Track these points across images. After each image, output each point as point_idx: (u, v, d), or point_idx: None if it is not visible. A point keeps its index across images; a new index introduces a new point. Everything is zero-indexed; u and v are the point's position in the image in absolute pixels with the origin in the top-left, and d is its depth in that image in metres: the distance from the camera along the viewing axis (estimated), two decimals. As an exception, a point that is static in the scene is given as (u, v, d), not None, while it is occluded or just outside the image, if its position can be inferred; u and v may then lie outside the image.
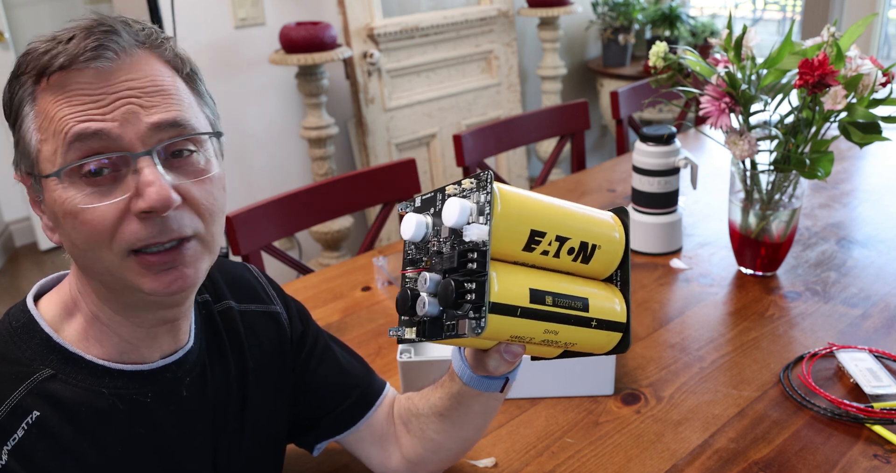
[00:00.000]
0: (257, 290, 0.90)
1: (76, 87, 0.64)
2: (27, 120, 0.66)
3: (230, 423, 0.82)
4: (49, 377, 0.69)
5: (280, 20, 2.73)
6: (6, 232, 3.69)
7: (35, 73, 0.65)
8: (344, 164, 3.06)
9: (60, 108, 0.64)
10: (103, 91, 0.64)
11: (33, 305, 0.73)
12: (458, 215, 0.65)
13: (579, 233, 0.72)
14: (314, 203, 1.62)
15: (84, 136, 0.63)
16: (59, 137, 0.63)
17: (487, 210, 0.65)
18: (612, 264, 0.76)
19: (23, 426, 0.67)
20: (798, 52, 1.25)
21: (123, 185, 0.64)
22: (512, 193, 0.68)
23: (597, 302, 0.73)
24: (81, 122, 0.63)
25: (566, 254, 0.71)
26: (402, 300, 0.69)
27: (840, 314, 1.29)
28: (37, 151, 0.66)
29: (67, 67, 0.64)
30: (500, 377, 0.80)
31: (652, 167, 1.47)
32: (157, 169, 0.64)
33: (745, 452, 0.99)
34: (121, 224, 0.64)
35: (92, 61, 0.64)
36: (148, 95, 0.65)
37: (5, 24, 3.36)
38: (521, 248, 0.68)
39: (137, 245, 0.65)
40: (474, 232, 0.64)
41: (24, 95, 0.66)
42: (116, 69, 0.65)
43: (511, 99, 3.30)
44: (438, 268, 0.67)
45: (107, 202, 0.64)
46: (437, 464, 0.92)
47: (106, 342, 0.72)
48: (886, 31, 3.50)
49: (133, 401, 0.72)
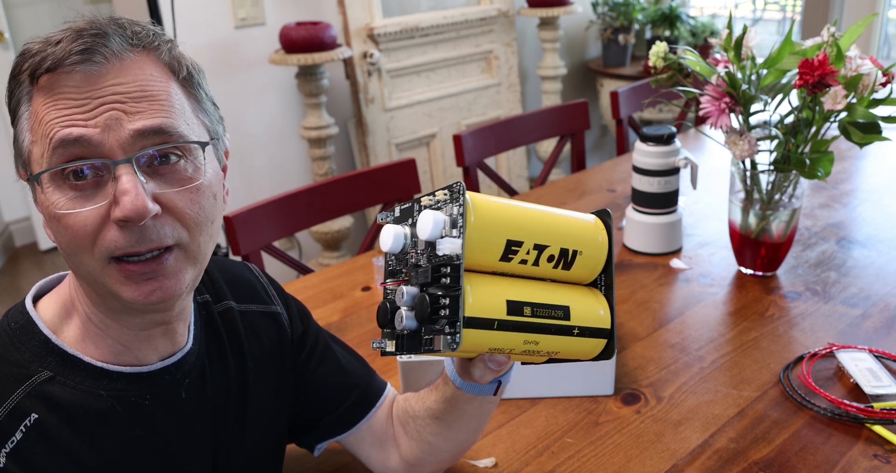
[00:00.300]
0: (258, 290, 0.90)
1: (63, 90, 0.64)
2: (22, 120, 0.66)
3: (230, 424, 0.82)
4: (48, 380, 0.69)
5: (280, 20, 2.73)
6: (6, 232, 3.69)
7: (29, 73, 0.65)
8: (344, 164, 3.06)
9: (48, 111, 0.64)
10: (88, 95, 0.63)
11: (32, 306, 0.73)
12: (432, 228, 0.64)
13: (559, 239, 0.70)
14: (314, 203, 1.62)
15: (66, 141, 0.63)
16: (45, 141, 0.64)
17: (461, 223, 0.64)
18: (596, 268, 0.75)
19: (21, 428, 0.67)
20: (798, 52, 1.25)
21: (104, 191, 0.64)
22: (486, 202, 0.67)
23: (579, 309, 0.72)
24: (65, 127, 0.63)
25: (546, 262, 0.70)
26: (381, 313, 0.68)
27: (840, 314, 1.29)
28: (28, 152, 0.66)
29: (54, 69, 0.63)
30: (492, 380, 0.80)
31: (652, 167, 1.47)
32: (135, 177, 0.63)
33: (745, 452, 0.99)
34: (101, 230, 0.64)
35: (78, 65, 0.63)
36: (134, 101, 0.64)
37: (5, 24, 3.36)
38: (498, 258, 0.67)
39: (117, 253, 0.64)
40: (447, 246, 0.63)
41: (22, 94, 0.66)
42: (104, 73, 0.64)
43: (511, 99, 3.30)
44: (415, 281, 0.66)
45: (88, 208, 0.63)
46: (434, 466, 0.92)
47: (102, 344, 0.72)
48: (886, 31, 3.50)
49: (132, 403, 0.72)
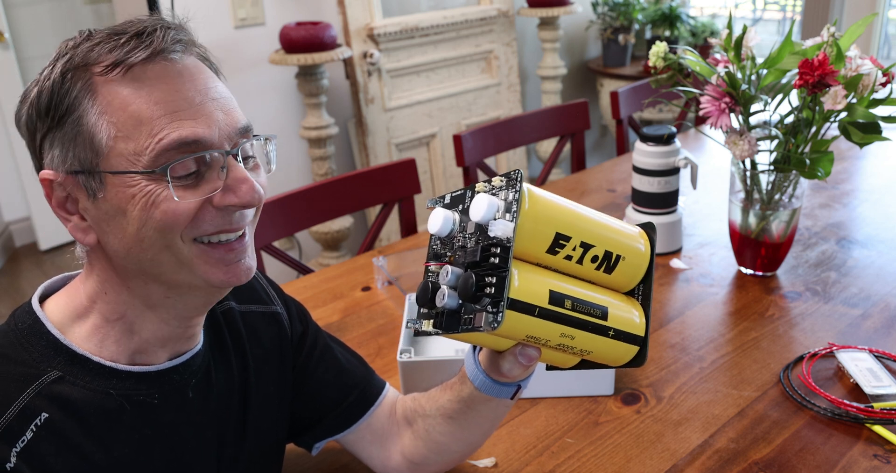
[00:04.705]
0: (258, 290, 0.90)
1: (161, 85, 0.65)
2: (89, 114, 0.64)
3: (232, 423, 0.82)
4: (57, 379, 0.69)
5: (280, 20, 2.73)
6: (6, 232, 3.69)
7: (108, 64, 0.64)
8: (344, 164, 3.06)
9: (147, 106, 0.64)
10: (191, 93, 0.66)
11: (39, 306, 0.73)
12: (486, 210, 0.65)
13: (604, 242, 0.71)
14: (314, 203, 1.62)
15: (186, 141, 0.65)
16: (152, 140, 0.64)
17: (514, 208, 0.65)
18: (636, 277, 0.75)
19: (31, 427, 0.67)
20: (798, 52, 1.25)
21: (208, 180, 0.67)
22: (541, 194, 0.68)
23: (616, 312, 0.73)
24: (181, 128, 0.64)
25: (590, 262, 0.71)
26: (422, 292, 0.68)
27: (840, 314, 1.29)
28: (108, 148, 0.64)
29: (147, 60, 0.65)
30: (513, 384, 0.80)
31: (652, 167, 1.47)
32: (243, 167, 0.68)
33: (745, 452, 0.99)
34: (197, 213, 0.67)
35: (172, 54, 0.66)
36: (224, 99, 0.69)
37: (5, 24, 3.36)
38: (545, 250, 0.68)
39: (210, 231, 0.68)
40: (500, 228, 0.65)
41: (82, 87, 0.65)
42: (193, 67, 0.68)
43: (511, 99, 3.30)
44: (461, 262, 0.68)
45: (195, 198, 0.66)
46: (439, 465, 0.92)
47: (118, 344, 0.72)
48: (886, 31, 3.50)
49: (141, 402, 0.72)
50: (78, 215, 0.69)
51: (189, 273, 0.69)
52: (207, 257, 0.69)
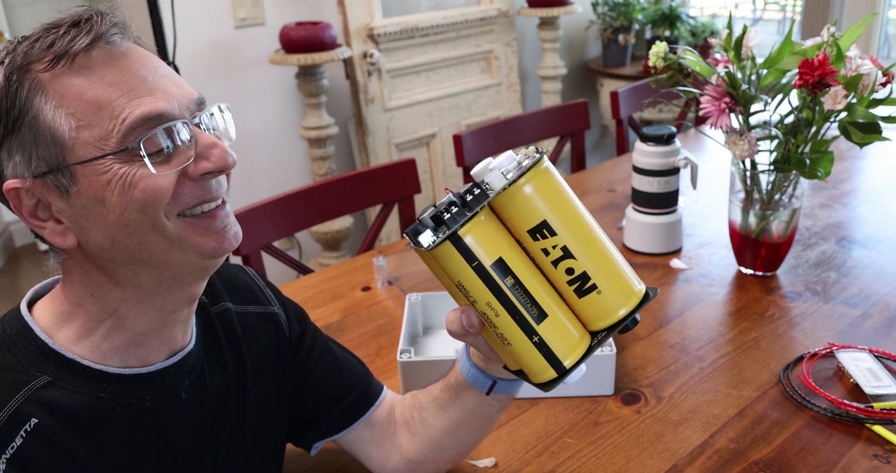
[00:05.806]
0: (254, 291, 0.90)
1: (109, 68, 0.65)
2: (44, 111, 0.63)
3: (229, 424, 0.82)
4: (46, 384, 0.68)
5: (280, 20, 2.73)
6: (6, 232, 3.69)
7: (51, 58, 0.63)
8: (344, 164, 3.06)
9: (103, 90, 0.64)
10: (141, 72, 0.66)
11: (27, 311, 0.72)
12: (500, 160, 0.67)
13: (588, 262, 0.68)
14: (314, 203, 1.62)
15: (150, 117, 0.65)
16: (116, 121, 0.63)
17: (519, 172, 0.66)
18: (602, 319, 0.70)
19: (21, 433, 0.66)
20: (798, 52, 1.25)
21: (178, 155, 0.67)
22: (556, 179, 0.68)
23: (554, 327, 0.69)
24: (141, 105, 0.64)
25: (564, 272, 0.68)
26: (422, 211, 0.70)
27: (840, 314, 1.29)
28: (73, 139, 0.63)
29: (91, 46, 0.64)
30: (489, 376, 0.81)
31: (652, 167, 1.47)
32: (210, 134, 0.69)
33: (745, 452, 0.99)
34: (176, 189, 0.67)
35: (112, 37, 0.66)
36: (172, 75, 0.69)
37: (5, 24, 3.36)
38: (527, 229, 0.67)
39: (192, 203, 0.68)
40: (493, 176, 0.67)
41: (30, 87, 0.63)
42: (135, 49, 0.68)
43: (511, 99, 3.30)
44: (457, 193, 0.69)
45: (170, 170, 0.66)
46: (437, 464, 0.92)
47: (108, 343, 0.71)
48: (886, 31, 3.50)
49: (132, 405, 0.72)
50: (52, 219, 0.67)
51: (179, 249, 0.68)
52: (194, 228, 0.69)
